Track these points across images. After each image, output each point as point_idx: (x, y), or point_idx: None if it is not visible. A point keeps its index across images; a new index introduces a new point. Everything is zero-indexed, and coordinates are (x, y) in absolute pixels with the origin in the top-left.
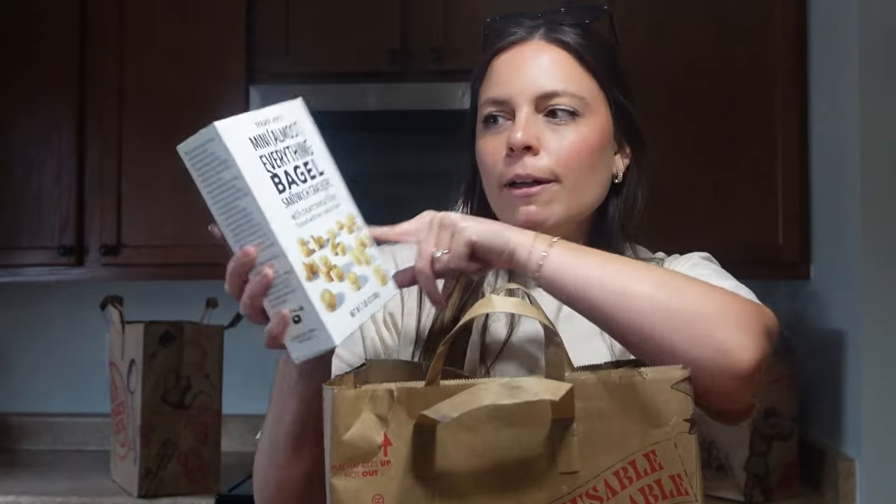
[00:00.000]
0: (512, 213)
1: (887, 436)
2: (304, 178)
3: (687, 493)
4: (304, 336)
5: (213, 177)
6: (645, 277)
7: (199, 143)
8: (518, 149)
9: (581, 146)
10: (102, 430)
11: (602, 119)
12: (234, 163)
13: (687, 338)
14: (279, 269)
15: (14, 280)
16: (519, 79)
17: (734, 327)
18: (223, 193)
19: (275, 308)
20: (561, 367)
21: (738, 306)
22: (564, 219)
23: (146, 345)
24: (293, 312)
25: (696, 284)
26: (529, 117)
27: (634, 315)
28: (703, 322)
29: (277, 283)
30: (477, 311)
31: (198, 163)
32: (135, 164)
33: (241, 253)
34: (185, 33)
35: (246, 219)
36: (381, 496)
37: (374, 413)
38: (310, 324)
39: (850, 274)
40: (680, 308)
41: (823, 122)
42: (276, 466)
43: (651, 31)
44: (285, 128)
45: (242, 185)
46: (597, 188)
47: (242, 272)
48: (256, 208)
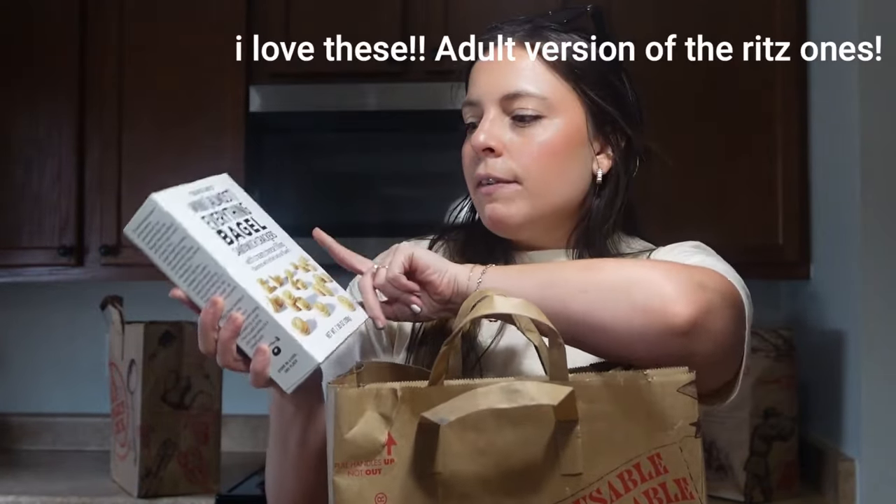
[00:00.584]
0: (482, 211)
1: (887, 436)
2: (249, 231)
3: (692, 496)
4: (287, 364)
5: (162, 245)
6: (568, 266)
7: (142, 218)
8: (479, 151)
9: (543, 148)
10: (102, 430)
11: (572, 120)
12: (179, 224)
13: (609, 307)
14: (246, 310)
15: (14, 280)
16: (486, 82)
17: (656, 286)
18: (176, 258)
19: (252, 345)
20: (564, 369)
21: (660, 268)
22: (531, 217)
23: (146, 345)
24: (271, 345)
25: (613, 262)
26: (495, 119)
27: (559, 304)
28: (619, 291)
29: (248, 324)
30: (478, 313)
31: (146, 236)
32: (135, 164)
33: (208, 304)
34: (185, 33)
35: (203, 274)
36: (385, 495)
37: (378, 412)
38: (289, 350)
39: (850, 274)
40: (596, 281)
41: (823, 122)
42: (295, 490)
43: (651, 31)
44: (219, 194)
45: (191, 243)
46: (565, 188)
47: (214, 322)
48: (210, 260)
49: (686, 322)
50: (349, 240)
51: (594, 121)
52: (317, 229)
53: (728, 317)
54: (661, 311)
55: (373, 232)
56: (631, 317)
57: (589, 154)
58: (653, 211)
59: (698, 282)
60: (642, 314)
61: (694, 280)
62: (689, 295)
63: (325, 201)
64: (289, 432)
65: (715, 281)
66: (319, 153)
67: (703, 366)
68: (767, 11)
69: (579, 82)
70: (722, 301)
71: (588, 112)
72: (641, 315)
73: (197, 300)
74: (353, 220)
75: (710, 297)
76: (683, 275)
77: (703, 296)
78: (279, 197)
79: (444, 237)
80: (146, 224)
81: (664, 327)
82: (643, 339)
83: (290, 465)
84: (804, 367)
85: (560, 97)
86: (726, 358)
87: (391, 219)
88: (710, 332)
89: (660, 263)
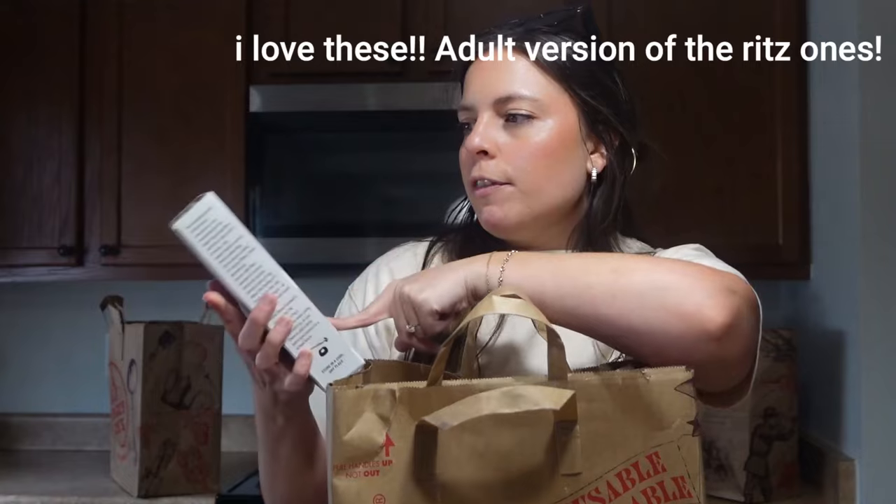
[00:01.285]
0: (479, 213)
1: (887, 436)
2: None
3: (690, 495)
4: (333, 364)
5: (217, 242)
6: (594, 269)
7: (199, 215)
8: (473, 153)
9: (536, 149)
10: (102, 430)
11: (564, 120)
12: (237, 224)
13: (644, 314)
14: (298, 309)
15: (14, 280)
16: (480, 85)
17: (688, 292)
18: (230, 255)
19: (298, 346)
20: (563, 369)
21: (691, 270)
22: (526, 217)
23: (146, 345)
24: (319, 345)
25: (644, 261)
26: (489, 122)
27: (589, 308)
28: (654, 293)
29: (297, 324)
30: (478, 313)
31: (200, 233)
32: (135, 165)
33: (263, 300)
34: (185, 33)
35: (257, 272)
36: (383, 496)
37: (376, 413)
38: (337, 350)
39: (850, 274)
40: (628, 287)
41: (823, 122)
42: (288, 492)
43: (652, 30)
44: None
45: (247, 242)
46: (559, 189)
47: (267, 318)
48: (266, 259)
49: (721, 327)
50: (349, 240)
51: (587, 120)
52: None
53: (752, 320)
54: (696, 317)
55: (373, 232)
56: (666, 322)
57: (583, 153)
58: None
59: (728, 287)
60: (678, 320)
61: (724, 285)
62: (721, 300)
63: (325, 201)
64: (278, 442)
65: (740, 286)
66: (319, 153)
67: (731, 368)
68: (767, 11)
69: (571, 83)
70: (746, 305)
71: (580, 112)
72: (677, 321)
73: (245, 298)
74: (353, 220)
75: (740, 302)
76: (714, 280)
77: (735, 301)
78: (279, 197)
79: (442, 239)
80: (202, 221)
81: (700, 333)
82: (678, 345)
83: (280, 469)
84: (804, 367)
85: (552, 98)
86: (748, 360)
87: (391, 219)
88: (740, 337)
89: (689, 267)
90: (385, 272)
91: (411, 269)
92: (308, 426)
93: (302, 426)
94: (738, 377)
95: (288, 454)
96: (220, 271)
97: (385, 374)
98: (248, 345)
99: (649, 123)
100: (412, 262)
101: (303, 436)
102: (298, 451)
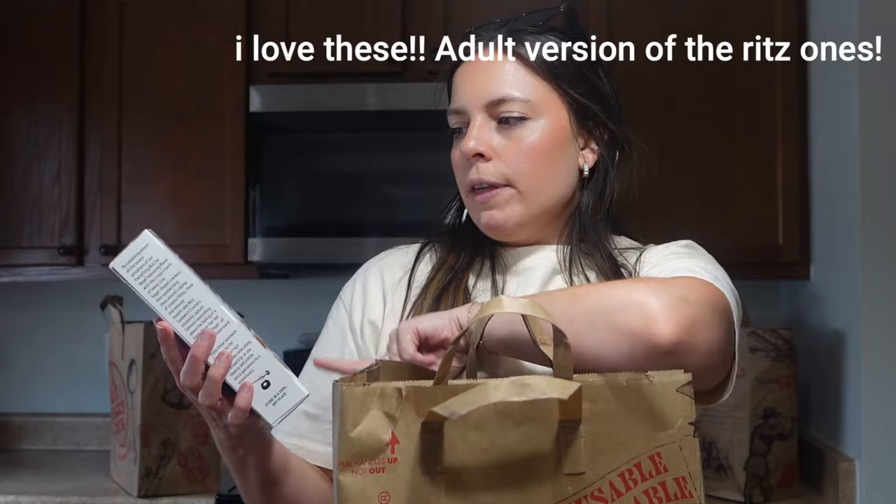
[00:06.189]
0: (477, 217)
1: (887, 436)
2: None
3: (691, 495)
4: (276, 397)
5: (154, 280)
6: (557, 296)
7: (134, 253)
8: (469, 156)
9: (531, 149)
10: (102, 430)
11: (556, 119)
12: (175, 260)
13: (596, 335)
14: (239, 343)
15: (14, 280)
16: (471, 89)
17: (637, 308)
18: (168, 292)
19: (240, 381)
20: (569, 369)
21: (640, 287)
22: (526, 219)
23: (146, 345)
24: (261, 379)
25: (596, 287)
26: (482, 125)
27: None
28: (604, 315)
29: (238, 359)
30: (485, 312)
31: (136, 271)
32: (135, 165)
33: (202, 335)
34: (185, 33)
35: (195, 309)
36: (388, 494)
37: (383, 411)
38: (280, 383)
39: (850, 274)
40: (581, 310)
41: (823, 122)
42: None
43: (652, 30)
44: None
45: (185, 279)
46: (555, 187)
47: (206, 354)
48: (205, 295)
49: (670, 341)
50: (349, 240)
51: (576, 117)
52: (318, 358)
53: (716, 325)
54: (644, 334)
55: (373, 232)
56: (617, 342)
57: (574, 150)
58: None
59: (681, 296)
60: (627, 338)
61: (676, 295)
62: (671, 312)
63: (325, 201)
64: (243, 467)
65: (698, 292)
66: (319, 153)
67: (699, 375)
68: (767, 11)
69: (559, 81)
70: (707, 311)
71: (570, 109)
72: (626, 339)
73: (184, 335)
74: (353, 220)
75: (695, 310)
76: (665, 292)
77: (688, 310)
78: (279, 197)
79: (431, 241)
80: (138, 259)
81: (649, 349)
82: (632, 363)
83: (251, 489)
84: (804, 367)
85: (543, 98)
86: (718, 364)
87: (391, 219)
88: (697, 346)
89: (640, 282)
90: (374, 271)
91: (401, 268)
92: (270, 453)
93: (263, 454)
94: (716, 379)
95: (255, 478)
96: (159, 309)
97: (393, 373)
98: (190, 381)
99: (649, 123)
100: (402, 262)
101: (266, 463)
102: (266, 475)
